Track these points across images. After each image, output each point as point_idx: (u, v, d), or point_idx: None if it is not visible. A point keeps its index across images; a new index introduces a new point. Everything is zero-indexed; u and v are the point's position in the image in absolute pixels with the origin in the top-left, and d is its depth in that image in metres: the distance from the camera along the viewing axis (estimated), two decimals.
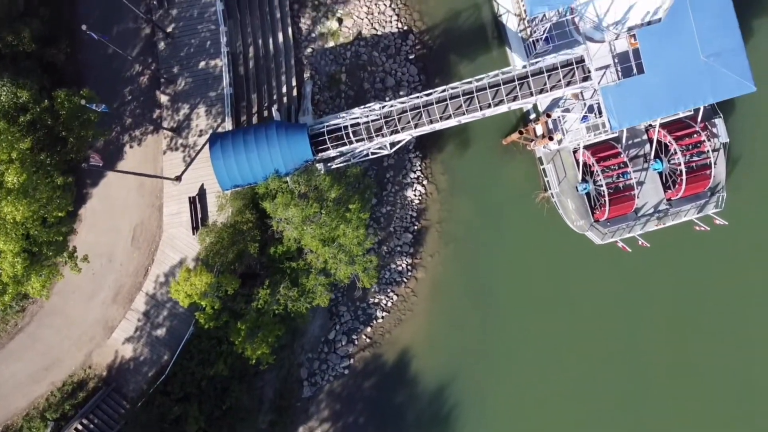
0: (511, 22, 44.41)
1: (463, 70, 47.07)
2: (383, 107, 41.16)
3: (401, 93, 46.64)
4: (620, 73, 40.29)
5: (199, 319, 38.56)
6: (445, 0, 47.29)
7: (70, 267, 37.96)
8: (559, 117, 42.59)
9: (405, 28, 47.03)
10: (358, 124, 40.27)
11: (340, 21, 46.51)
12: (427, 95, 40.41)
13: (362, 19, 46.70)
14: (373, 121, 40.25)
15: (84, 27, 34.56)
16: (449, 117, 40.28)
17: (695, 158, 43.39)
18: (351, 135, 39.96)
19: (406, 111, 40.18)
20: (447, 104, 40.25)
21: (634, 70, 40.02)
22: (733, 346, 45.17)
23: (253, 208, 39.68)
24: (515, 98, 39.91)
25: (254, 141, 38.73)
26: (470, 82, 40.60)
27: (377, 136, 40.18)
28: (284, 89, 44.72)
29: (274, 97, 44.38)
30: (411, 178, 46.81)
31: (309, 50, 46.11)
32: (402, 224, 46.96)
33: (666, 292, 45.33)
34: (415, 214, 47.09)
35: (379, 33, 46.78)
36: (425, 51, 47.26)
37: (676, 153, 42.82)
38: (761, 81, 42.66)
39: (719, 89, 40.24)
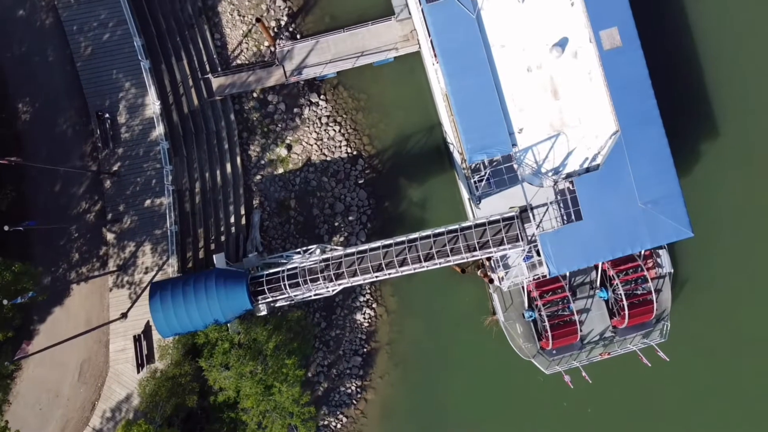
0: (457, 154, 44.83)
1: (413, 193, 47.57)
2: (325, 250, 41.62)
3: (350, 218, 47.09)
4: (558, 221, 40.79)
5: None
6: (395, 125, 47.69)
7: None
8: (501, 256, 42.97)
9: (354, 152, 47.43)
10: (295, 271, 40.64)
11: (289, 147, 46.91)
12: (371, 248, 40.70)
13: (311, 145, 47.10)
14: (310, 269, 40.62)
15: (6, 227, 34.91)
16: (393, 267, 40.53)
17: (638, 291, 43.77)
18: (288, 285, 40.37)
19: (346, 259, 40.56)
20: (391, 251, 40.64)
21: (573, 217, 40.38)
22: None
23: (192, 358, 40.13)
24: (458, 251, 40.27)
25: (193, 292, 39.20)
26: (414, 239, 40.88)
27: (316, 283, 40.55)
28: (232, 219, 45.15)
29: (222, 228, 44.82)
30: (360, 302, 47.24)
31: (258, 177, 46.54)
32: (351, 347, 47.40)
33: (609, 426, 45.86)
34: (364, 337, 47.53)
35: (328, 158, 47.18)
36: (375, 175, 47.66)
37: (618, 287, 43.19)
38: (701, 219, 43.43)
39: (657, 235, 40.59)
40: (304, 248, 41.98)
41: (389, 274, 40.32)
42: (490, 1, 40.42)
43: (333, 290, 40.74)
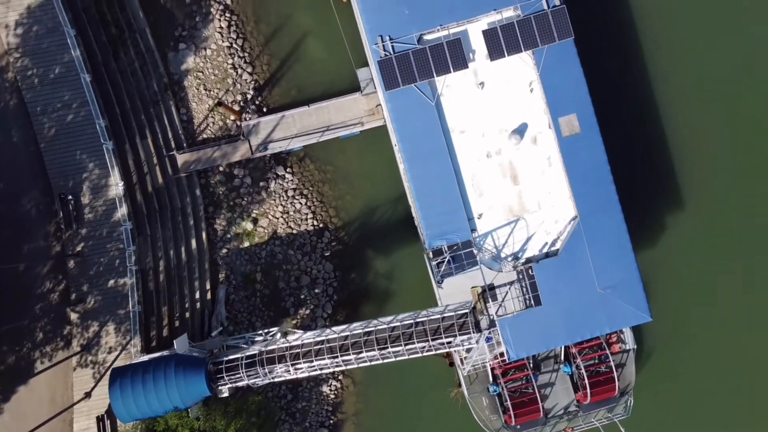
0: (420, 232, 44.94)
1: (379, 265, 47.75)
2: (286, 333, 41.84)
3: (316, 291, 47.28)
4: (521, 300, 40.92)
5: None
6: (361, 196, 47.87)
7: None
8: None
9: (321, 225, 47.61)
10: (254, 359, 40.82)
11: (255, 221, 47.10)
12: (328, 338, 40.83)
13: (278, 219, 47.28)
14: (268, 358, 40.79)
15: None
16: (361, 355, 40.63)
17: (600, 369, 43.93)
18: (246, 373, 40.56)
19: (303, 349, 40.72)
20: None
21: (532, 303, 40.53)
22: None
23: None
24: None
25: (152, 379, 39.38)
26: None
27: (273, 372, 40.70)
28: (197, 295, 45.35)
29: (187, 305, 45.01)
30: (327, 373, 47.39)
31: (224, 251, 46.73)
32: (318, 419, 47.58)
33: None
34: (330, 408, 47.71)
35: (294, 231, 47.37)
36: (341, 247, 47.83)
37: (580, 365, 43.35)
38: (665, 294, 43.74)
39: (615, 320, 40.80)
40: (266, 330, 42.13)
41: (347, 363, 40.45)
42: (449, 87, 40.63)
43: (291, 376, 40.86)
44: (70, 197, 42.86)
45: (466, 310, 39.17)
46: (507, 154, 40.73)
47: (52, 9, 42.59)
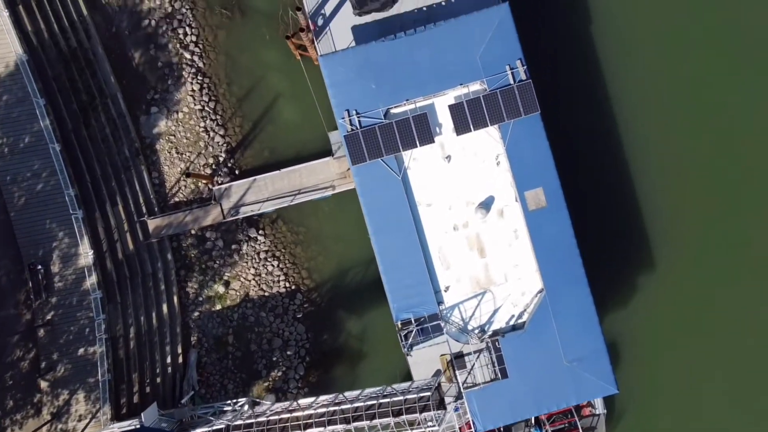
0: None
1: (351, 326, 47.85)
2: (254, 404, 41.99)
3: (288, 353, 47.39)
4: (489, 369, 41.03)
5: None
6: (334, 258, 47.94)
7: None
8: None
9: (293, 287, 47.72)
10: None
11: (227, 284, 47.22)
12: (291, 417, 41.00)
13: (250, 281, 47.40)
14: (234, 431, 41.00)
15: None
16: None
17: None
18: None
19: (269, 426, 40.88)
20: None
21: (498, 376, 40.64)
22: None
23: None
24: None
25: None
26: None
27: None
28: (169, 359, 45.46)
29: (158, 370, 45.13)
30: None
31: (196, 314, 46.86)
32: None
33: None
34: None
35: (266, 294, 47.49)
36: (313, 308, 47.94)
37: None
38: (631, 362, 43.90)
39: (582, 392, 40.87)
40: (234, 401, 42.26)
41: None
42: (416, 160, 40.77)
43: None
44: (39, 267, 42.99)
45: (428, 392, 39.29)
46: (474, 227, 40.85)
47: (22, 78, 42.71)
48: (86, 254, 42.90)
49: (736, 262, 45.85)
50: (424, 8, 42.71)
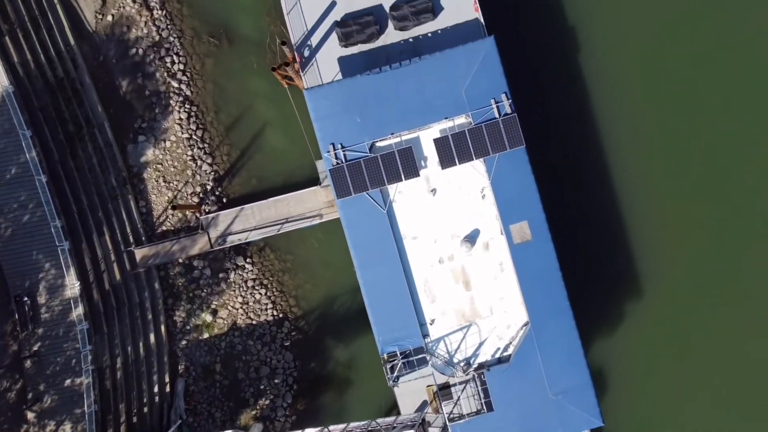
0: None
1: (339, 354, 47.89)
2: None
3: (276, 381, 47.43)
4: (475, 400, 41.12)
5: None
6: (322, 285, 47.98)
7: None
8: None
9: (280, 315, 47.76)
10: None
11: (214, 312, 47.26)
12: None
13: (237, 309, 47.43)
14: None
15: None
16: None
17: None
18: None
19: None
20: None
21: (483, 409, 40.70)
22: None
23: None
24: None
25: None
26: None
27: None
28: (156, 389, 45.50)
29: (145, 399, 45.18)
30: None
31: (183, 343, 46.89)
32: None
33: None
34: None
35: (254, 322, 47.52)
36: (301, 336, 47.97)
37: None
38: (617, 391, 44.01)
39: (568, 425, 40.90)
40: None
41: None
42: (402, 194, 40.83)
43: None
44: (26, 298, 43.05)
45: (412, 429, 39.27)
46: (459, 260, 40.90)
47: (8, 110, 42.72)
48: (72, 286, 42.91)
49: (723, 292, 45.96)
50: (410, 39, 42.77)
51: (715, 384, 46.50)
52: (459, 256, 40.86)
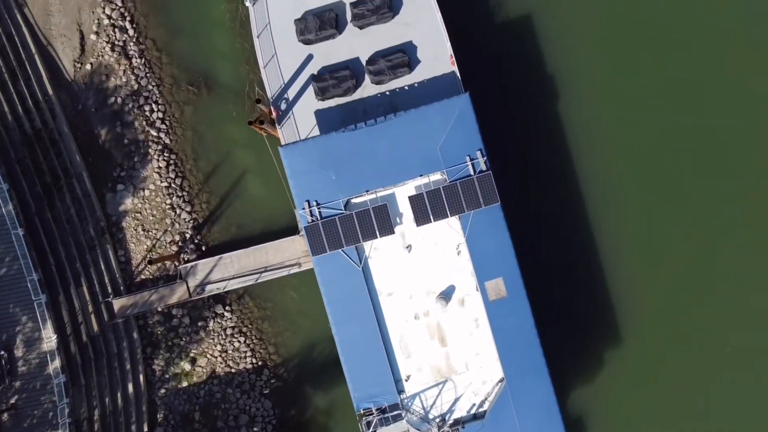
0: None
1: (318, 401, 47.90)
2: None
3: (255, 429, 47.44)
4: None
5: None
6: (301, 333, 47.98)
7: None
8: None
9: (259, 363, 47.77)
10: None
11: (193, 361, 47.28)
12: None
13: (216, 357, 47.45)
14: None
15: None
16: None
17: None
18: None
19: None
20: None
21: None
22: None
23: None
24: None
25: None
26: None
27: None
28: None
29: None
30: None
31: (162, 391, 46.89)
32: None
33: None
34: None
35: (233, 370, 47.53)
36: (280, 384, 47.99)
37: None
38: None
39: None
40: None
41: None
42: (377, 250, 40.84)
43: None
44: (2, 352, 43.04)
45: None
46: (435, 316, 40.93)
47: None
48: (49, 339, 42.94)
49: (704, 346, 45.99)
50: (387, 93, 42.79)
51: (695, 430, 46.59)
52: (434, 312, 40.89)
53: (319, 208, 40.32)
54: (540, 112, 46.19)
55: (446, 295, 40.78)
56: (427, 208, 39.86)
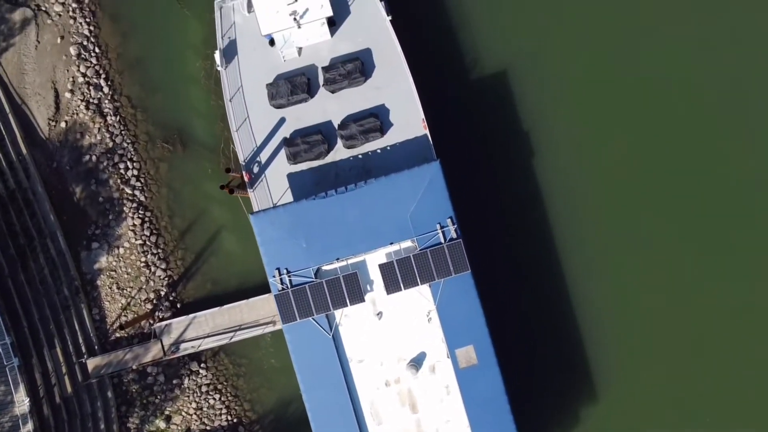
0: None
1: None
2: None
3: None
4: None
5: None
6: (277, 389, 47.72)
7: None
8: None
9: (235, 420, 47.73)
10: None
11: (168, 419, 47.27)
12: None
13: (191, 415, 47.43)
14: None
15: None
16: None
17: None
18: None
19: None
20: None
21: None
22: None
23: None
24: None
25: None
26: None
27: None
28: None
29: None
30: None
31: None
32: None
33: None
34: None
35: (208, 427, 47.50)
36: None
37: None
38: None
39: None
40: None
41: None
42: (348, 317, 40.84)
43: None
44: None
45: None
46: (406, 383, 40.93)
47: None
48: (21, 403, 42.91)
49: (688, 396, 45.85)
50: (360, 156, 42.76)
51: None
52: (405, 379, 40.89)
53: (289, 276, 40.33)
54: (514, 170, 46.15)
55: (417, 362, 40.77)
56: (397, 276, 39.85)
